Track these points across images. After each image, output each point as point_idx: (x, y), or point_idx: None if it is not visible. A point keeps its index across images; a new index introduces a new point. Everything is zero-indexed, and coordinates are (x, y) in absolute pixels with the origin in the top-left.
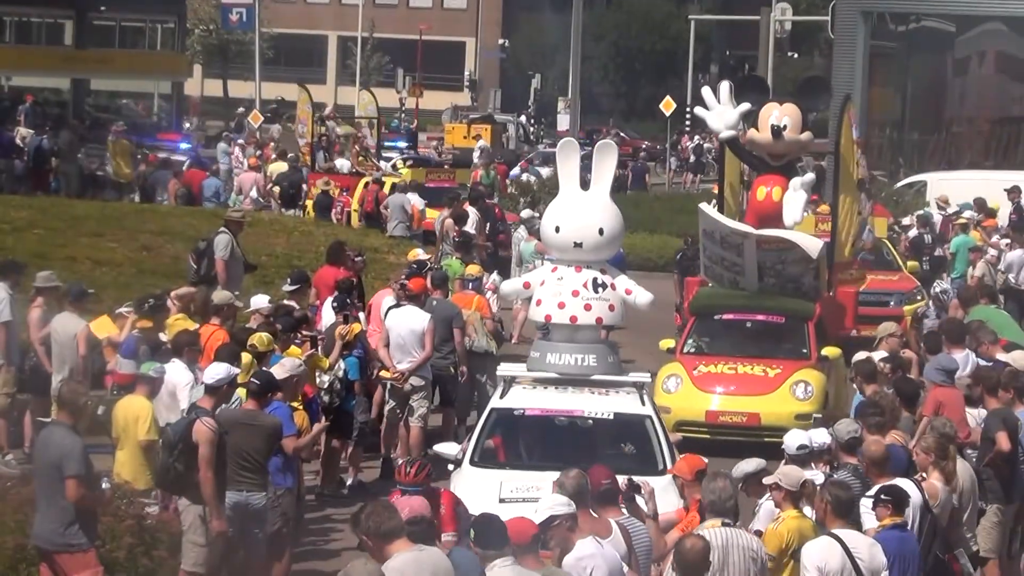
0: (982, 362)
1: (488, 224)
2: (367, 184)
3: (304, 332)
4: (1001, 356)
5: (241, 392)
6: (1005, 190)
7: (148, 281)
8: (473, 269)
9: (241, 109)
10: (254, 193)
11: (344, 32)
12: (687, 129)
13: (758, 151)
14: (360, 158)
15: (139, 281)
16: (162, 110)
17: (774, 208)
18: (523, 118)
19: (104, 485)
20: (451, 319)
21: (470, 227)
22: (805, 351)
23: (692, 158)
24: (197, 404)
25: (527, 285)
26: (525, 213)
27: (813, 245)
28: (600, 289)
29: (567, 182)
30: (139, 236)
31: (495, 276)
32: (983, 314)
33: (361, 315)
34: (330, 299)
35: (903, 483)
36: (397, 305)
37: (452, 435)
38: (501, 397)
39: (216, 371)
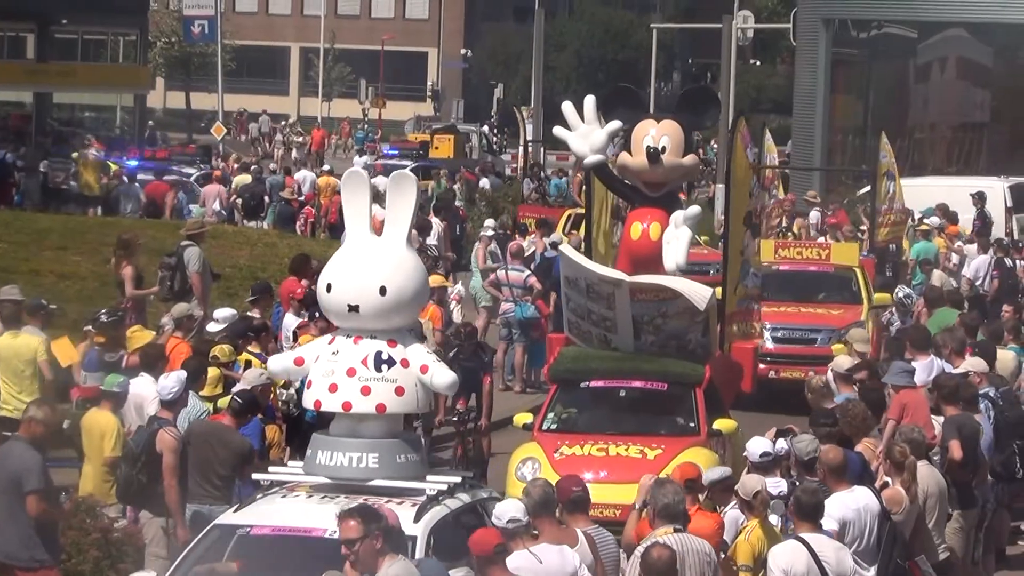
0: (947, 368)
1: (459, 230)
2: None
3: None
4: (963, 365)
5: (211, 404)
6: (970, 195)
7: (112, 294)
8: (434, 279)
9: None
10: (216, 205)
11: (306, 43)
12: None
13: (632, 179)
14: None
15: (102, 295)
16: (124, 123)
17: (652, 249)
18: (486, 128)
19: (63, 498)
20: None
21: (433, 238)
22: (693, 425)
23: None
24: (157, 415)
25: (299, 361)
26: (488, 223)
27: (700, 294)
28: (385, 367)
29: (353, 225)
30: (103, 249)
31: (459, 287)
32: (946, 317)
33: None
34: (289, 312)
35: (860, 491)
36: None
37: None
38: (237, 510)
39: (168, 385)
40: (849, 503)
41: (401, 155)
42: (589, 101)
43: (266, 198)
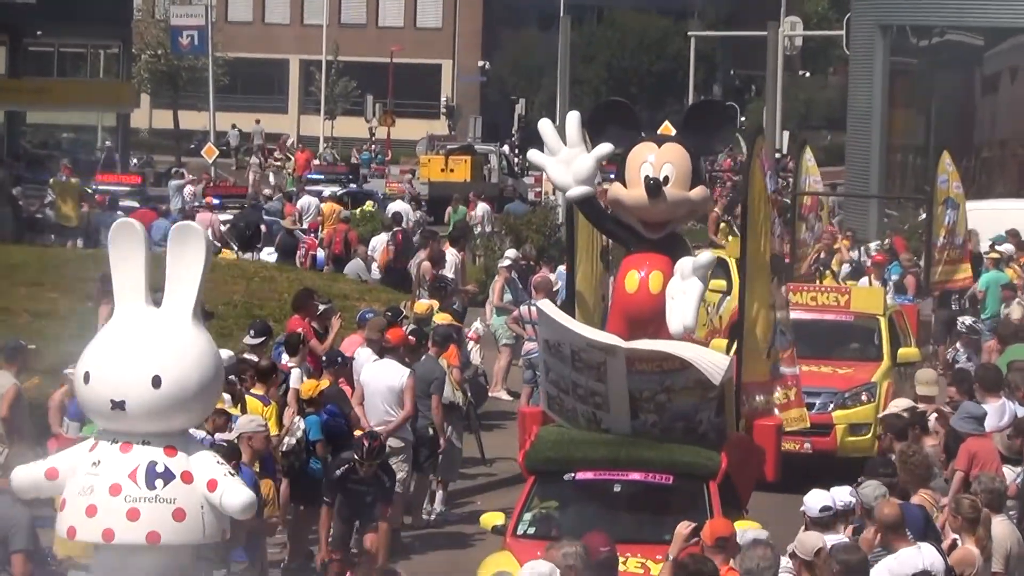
0: (1021, 411)
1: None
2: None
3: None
4: None
5: None
6: None
7: (94, 335)
8: (442, 318)
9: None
10: (208, 235)
11: (307, 56)
12: None
13: (626, 216)
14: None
15: (82, 336)
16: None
17: (652, 305)
18: (506, 148)
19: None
20: (430, 381)
21: (449, 270)
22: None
23: None
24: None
25: (52, 474)
26: (509, 253)
27: (715, 364)
28: (160, 482)
29: (123, 294)
30: (83, 286)
31: (477, 324)
32: (1020, 354)
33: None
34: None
35: (926, 549)
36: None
37: (425, 502)
38: None
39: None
40: (904, 566)
41: (326, 180)
42: (572, 119)
43: (262, 227)
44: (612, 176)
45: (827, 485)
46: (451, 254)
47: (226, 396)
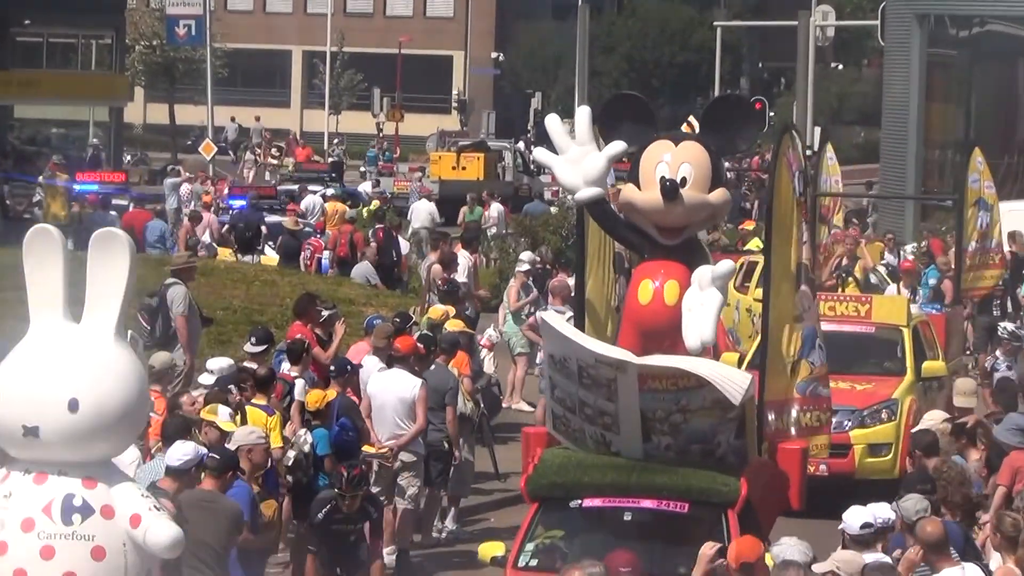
0: None
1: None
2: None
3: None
4: None
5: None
6: None
7: None
8: (454, 324)
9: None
10: (207, 237)
11: (310, 47)
12: None
13: (640, 221)
14: None
15: None
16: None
17: (667, 318)
18: (521, 145)
19: None
20: (444, 391)
21: (461, 274)
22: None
23: None
24: (157, 485)
25: None
26: (525, 256)
27: (735, 382)
28: (78, 517)
29: (38, 307)
30: (74, 291)
31: (490, 332)
32: None
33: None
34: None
35: (970, 569)
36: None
37: (436, 519)
38: None
39: (182, 451)
40: None
41: (305, 179)
42: (582, 115)
43: (263, 228)
44: (625, 176)
45: (844, 509)
46: (463, 257)
47: (224, 410)
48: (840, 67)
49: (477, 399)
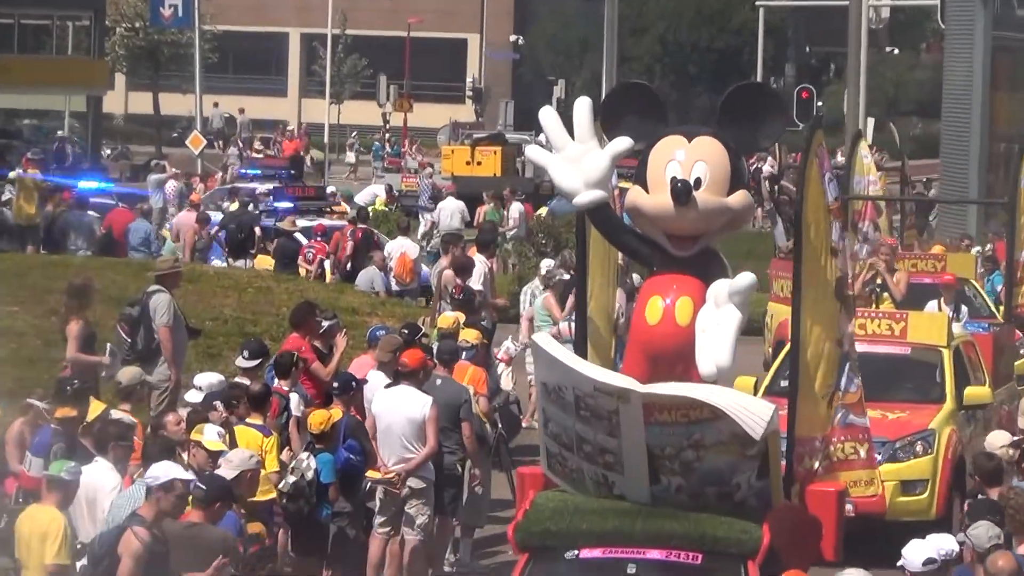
0: None
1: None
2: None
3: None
4: None
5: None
6: None
7: (60, 355)
8: (469, 335)
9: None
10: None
11: (309, 29)
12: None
13: (648, 229)
14: None
15: (47, 356)
16: (74, 132)
17: (679, 340)
18: (543, 137)
19: None
20: (458, 406)
21: (476, 280)
22: None
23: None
24: (136, 512)
25: None
26: (545, 264)
27: (756, 414)
28: None
29: None
30: (47, 298)
31: (508, 344)
32: None
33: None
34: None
35: None
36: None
37: (447, 551)
38: None
39: (161, 471)
40: None
41: (263, 176)
42: (582, 107)
43: (257, 230)
44: (631, 174)
45: (873, 553)
46: (479, 262)
47: (212, 428)
48: (896, 52)
49: (495, 419)
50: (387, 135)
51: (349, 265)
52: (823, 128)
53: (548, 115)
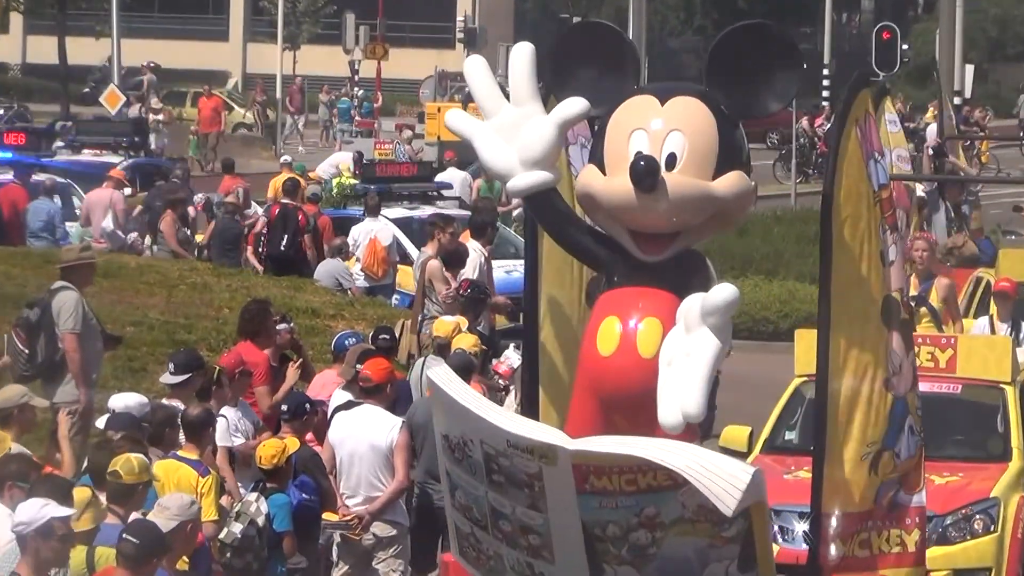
0: None
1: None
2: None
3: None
4: None
5: (105, 553)
6: None
7: None
8: (465, 341)
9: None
10: (108, 222)
11: None
12: (823, 104)
13: (607, 225)
14: None
15: None
16: None
17: (641, 377)
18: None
19: None
20: None
21: (470, 272)
22: None
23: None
24: (15, 573)
25: None
26: None
27: (726, 477)
28: None
29: None
30: None
31: (510, 354)
32: None
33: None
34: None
35: None
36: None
37: None
38: None
39: (32, 512)
40: None
41: (97, 143)
42: (521, 56)
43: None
44: (584, 144)
45: None
46: (474, 249)
47: (135, 458)
48: None
49: None
50: (356, 89)
51: (264, 251)
52: (891, 80)
53: (475, 66)
